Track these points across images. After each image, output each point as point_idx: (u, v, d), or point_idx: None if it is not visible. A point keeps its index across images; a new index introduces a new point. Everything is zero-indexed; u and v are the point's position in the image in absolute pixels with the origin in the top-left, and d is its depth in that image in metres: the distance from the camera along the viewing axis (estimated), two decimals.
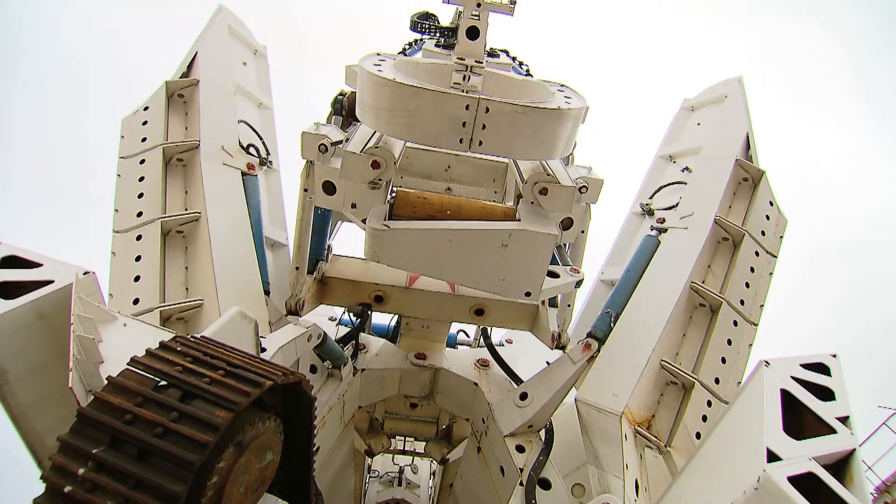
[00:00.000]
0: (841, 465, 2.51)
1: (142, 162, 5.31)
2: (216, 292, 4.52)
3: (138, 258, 4.75)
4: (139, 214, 5.00)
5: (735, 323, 5.12)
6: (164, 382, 1.86)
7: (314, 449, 2.67)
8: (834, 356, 3.04)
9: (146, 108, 5.64)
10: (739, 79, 6.78)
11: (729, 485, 2.48)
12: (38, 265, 2.69)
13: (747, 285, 5.28)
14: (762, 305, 5.34)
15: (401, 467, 8.96)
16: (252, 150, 5.94)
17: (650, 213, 6.25)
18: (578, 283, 3.99)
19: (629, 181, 7.87)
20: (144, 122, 5.57)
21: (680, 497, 3.13)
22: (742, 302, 5.18)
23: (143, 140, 5.44)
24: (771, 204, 5.76)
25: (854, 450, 2.53)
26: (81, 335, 2.18)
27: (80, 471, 1.65)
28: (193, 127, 5.65)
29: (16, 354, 2.56)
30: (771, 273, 5.47)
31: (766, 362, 2.93)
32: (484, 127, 2.87)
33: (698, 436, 4.53)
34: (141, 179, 5.23)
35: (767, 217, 5.68)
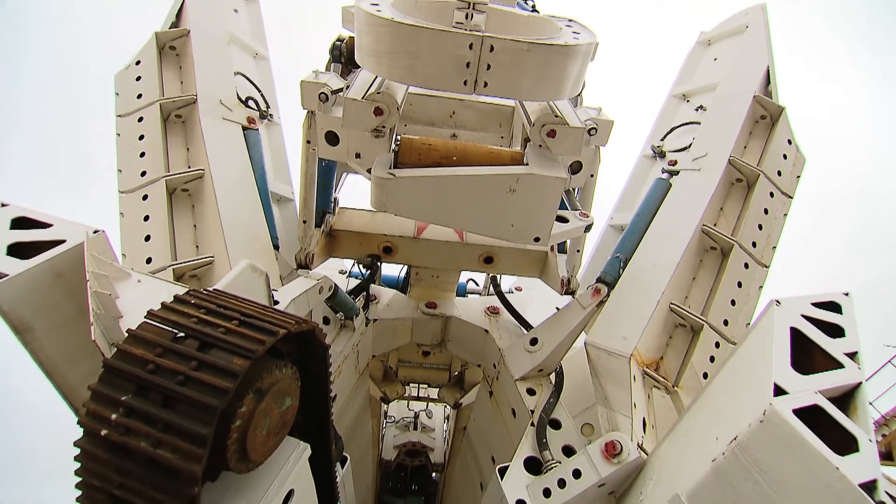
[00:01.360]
0: (846, 398, 2.56)
1: (140, 120, 5.21)
2: (226, 249, 4.55)
3: (146, 218, 4.77)
4: (143, 174, 4.97)
5: (746, 265, 5.08)
6: (181, 334, 1.91)
7: (331, 395, 2.77)
8: (846, 294, 3.03)
9: (138, 63, 5.47)
10: (762, 6, 6.36)
11: (734, 419, 2.55)
12: (48, 225, 2.71)
13: (760, 227, 5.20)
14: (774, 248, 5.28)
15: (416, 413, 9.35)
16: (251, 103, 5.79)
17: (661, 155, 6.08)
18: (588, 228, 3.96)
19: (640, 123, 7.64)
20: (138, 78, 5.43)
21: (686, 433, 3.23)
22: (754, 244, 5.12)
23: (139, 97, 5.32)
24: (789, 142, 5.56)
25: (860, 383, 2.56)
26: (98, 291, 2.23)
27: (113, 416, 1.74)
28: (189, 81, 5.50)
29: (39, 311, 2.63)
30: (785, 214, 5.36)
31: (777, 301, 2.92)
32: (489, 67, 2.75)
33: (705, 376, 4.62)
34: (141, 138, 5.15)
35: (784, 156, 5.50)
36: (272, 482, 2.27)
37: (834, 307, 2.91)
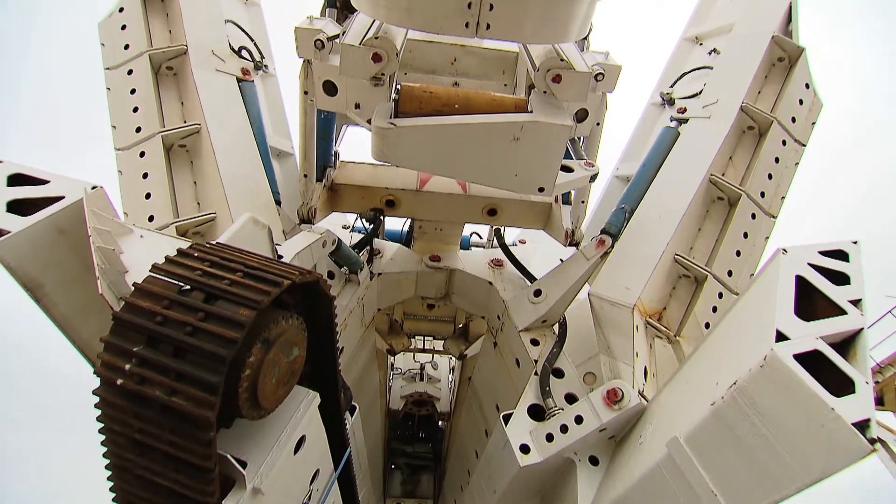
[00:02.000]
0: (847, 344, 2.58)
1: (129, 73, 5.03)
2: (227, 205, 4.52)
3: (145, 176, 4.70)
4: (138, 130, 4.85)
5: (753, 216, 5.01)
6: (187, 286, 1.93)
7: (338, 347, 2.83)
8: (855, 243, 2.99)
9: (121, 10, 5.21)
10: None
11: (735, 364, 2.59)
12: (45, 182, 2.68)
13: (770, 177, 5.09)
14: (783, 198, 5.18)
15: (422, 364, 9.59)
16: (244, 53, 5.57)
17: (671, 102, 5.88)
18: (593, 178, 3.88)
19: (650, 68, 7.34)
20: (123, 27, 5.19)
21: (687, 379, 3.30)
22: (762, 194, 5.03)
23: (126, 48, 5.11)
24: (807, 87, 5.33)
25: (861, 329, 2.57)
26: (101, 246, 2.23)
27: (127, 366, 1.78)
28: (177, 30, 5.27)
29: (46, 268, 2.65)
30: (797, 163, 5.22)
31: (784, 250, 2.90)
32: (491, 7, 2.60)
33: (707, 326, 4.66)
34: (132, 92, 5.00)
35: (801, 102, 5.29)
36: (284, 428, 2.35)
37: (841, 255, 2.88)
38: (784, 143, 5.15)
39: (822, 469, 2.16)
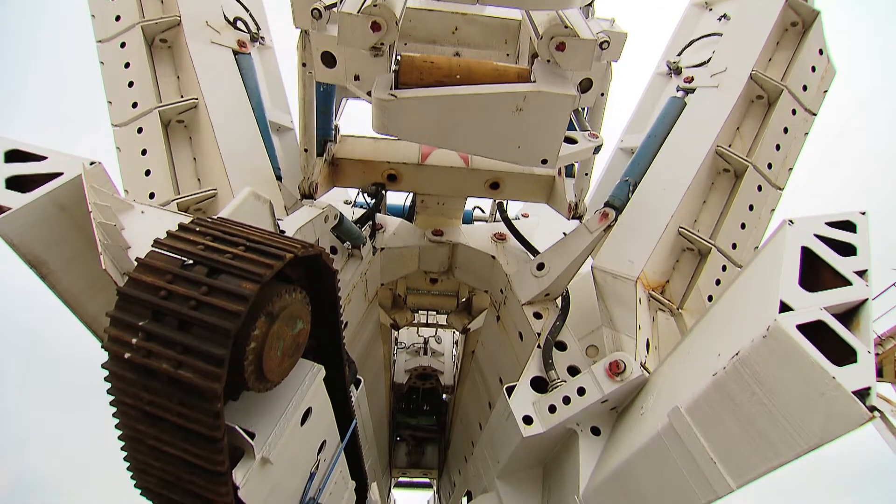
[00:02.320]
0: (850, 314, 2.57)
1: (122, 45, 4.92)
2: (228, 181, 4.49)
3: (144, 152, 4.65)
4: (134, 105, 4.78)
5: (759, 188, 4.95)
6: (189, 261, 1.93)
7: (342, 322, 2.84)
8: (863, 213, 2.95)
9: None
10: None
11: (738, 336, 2.59)
12: (42, 158, 2.65)
13: (778, 148, 4.99)
14: (791, 169, 5.10)
15: (425, 338, 9.68)
16: (240, 24, 5.43)
17: (678, 71, 5.74)
18: (597, 150, 3.82)
19: (656, 36, 7.14)
20: None
21: (689, 351, 3.32)
22: (770, 165, 4.95)
23: (118, 19, 4.98)
24: (820, 52, 5.16)
25: (866, 300, 2.56)
26: (102, 222, 2.22)
27: (134, 340, 1.80)
28: (170, 0, 5.13)
29: (49, 245, 2.65)
30: (806, 133, 5.10)
31: (791, 221, 2.87)
32: None
33: (710, 299, 4.67)
34: (126, 66, 4.90)
35: (813, 69, 5.13)
36: (290, 400, 2.39)
37: (849, 226, 2.85)
38: (794, 112, 5.03)
39: (821, 436, 2.19)
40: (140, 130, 4.67)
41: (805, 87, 5.07)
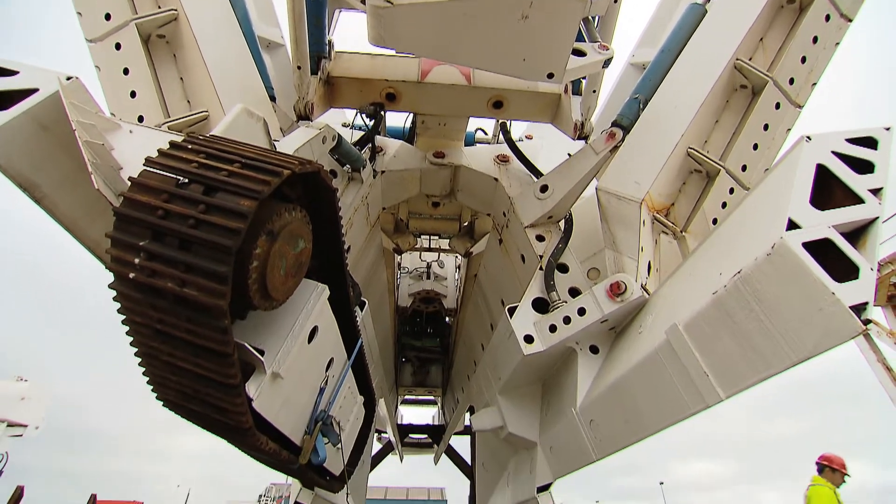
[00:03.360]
0: (859, 233, 2.54)
1: None
2: (219, 102, 4.29)
3: (126, 71, 4.38)
4: (107, 17, 4.42)
5: (777, 105, 4.70)
6: (184, 180, 1.87)
7: (344, 243, 2.83)
8: (888, 129, 2.81)
9: None
10: None
11: (742, 254, 2.58)
12: (13, 72, 2.49)
13: (803, 60, 4.65)
14: (815, 84, 4.80)
15: (428, 263, 9.76)
16: None
17: None
18: (607, 63, 3.60)
19: None
20: None
21: (690, 272, 3.33)
22: (791, 81, 4.65)
23: None
24: None
25: (876, 218, 2.51)
26: (88, 141, 2.13)
27: (136, 260, 1.79)
28: None
29: (37, 167, 2.58)
30: (837, 43, 4.72)
31: (808, 137, 2.75)
32: None
33: (715, 222, 4.61)
34: None
35: None
36: (296, 319, 2.44)
37: (870, 143, 2.72)
38: (827, 17, 4.61)
39: (812, 348, 2.22)
40: (118, 47, 4.37)
41: None
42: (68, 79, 2.39)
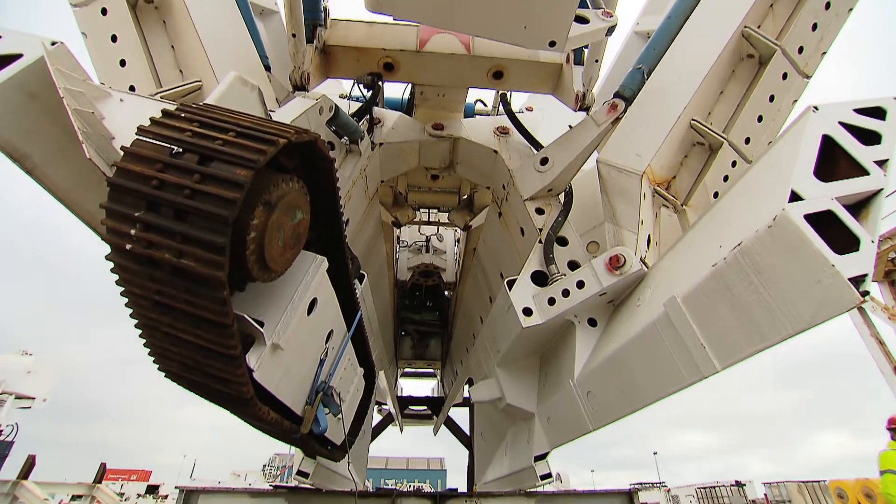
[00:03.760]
0: (862, 205, 2.51)
1: None
2: (213, 71, 4.19)
3: (114, 38, 4.25)
4: None
5: (784, 76, 4.59)
6: (178, 149, 1.83)
7: (342, 215, 2.81)
8: None
9: None
10: None
11: (742, 226, 2.56)
12: None
13: (814, 27, 4.51)
14: (825, 53, 4.68)
15: (427, 236, 9.73)
16: None
17: None
18: (610, 31, 3.50)
19: None
20: None
21: (690, 245, 3.32)
22: (801, 49, 4.52)
23: None
24: None
25: (880, 190, 2.49)
26: (77, 109, 2.08)
27: (132, 231, 1.77)
28: None
29: (27, 137, 2.53)
30: (850, 9, 4.57)
31: (815, 107, 2.69)
32: None
33: (716, 195, 4.58)
34: None
35: None
36: (295, 291, 2.44)
37: (879, 113, 2.67)
38: None
39: (809, 319, 2.22)
40: (104, 12, 4.23)
41: None
42: (53, 44, 2.32)
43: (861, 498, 20.82)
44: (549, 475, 4.41)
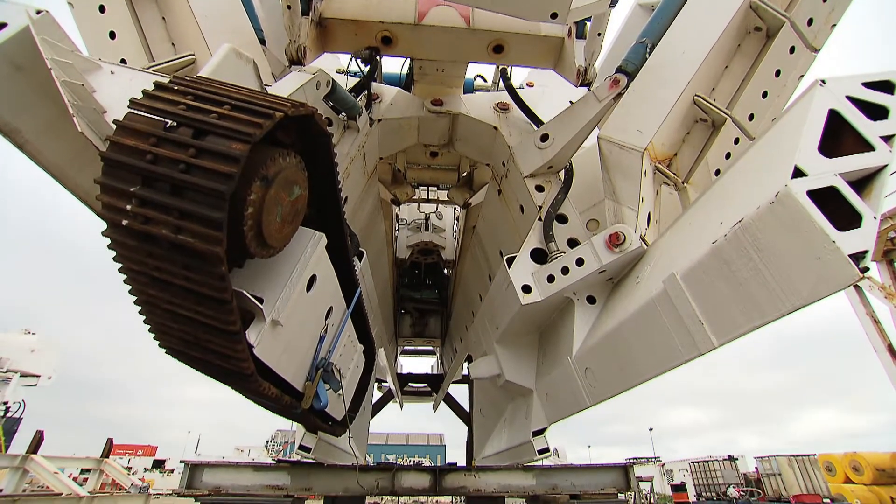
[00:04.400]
0: (866, 181, 2.48)
1: None
2: (206, 45, 4.09)
3: (102, 8, 4.12)
4: None
5: (792, 49, 4.49)
6: (172, 123, 1.79)
7: (341, 191, 2.77)
8: None
9: None
10: None
11: (744, 203, 2.53)
12: None
13: None
14: (834, 25, 4.56)
15: (426, 214, 9.68)
16: None
17: None
18: (614, 2, 3.41)
19: None
20: None
21: (690, 222, 3.30)
22: (810, 21, 4.41)
23: None
24: None
25: (885, 166, 2.45)
26: (67, 81, 2.02)
27: (128, 206, 1.75)
28: None
29: (16, 111, 2.48)
30: None
31: (822, 81, 2.63)
32: None
33: (717, 173, 4.53)
34: None
35: None
36: (294, 267, 2.43)
37: (887, 87, 2.61)
38: None
39: (808, 296, 2.22)
40: None
41: None
42: (38, 13, 2.24)
43: (849, 471, 21.36)
44: (546, 450, 4.49)
